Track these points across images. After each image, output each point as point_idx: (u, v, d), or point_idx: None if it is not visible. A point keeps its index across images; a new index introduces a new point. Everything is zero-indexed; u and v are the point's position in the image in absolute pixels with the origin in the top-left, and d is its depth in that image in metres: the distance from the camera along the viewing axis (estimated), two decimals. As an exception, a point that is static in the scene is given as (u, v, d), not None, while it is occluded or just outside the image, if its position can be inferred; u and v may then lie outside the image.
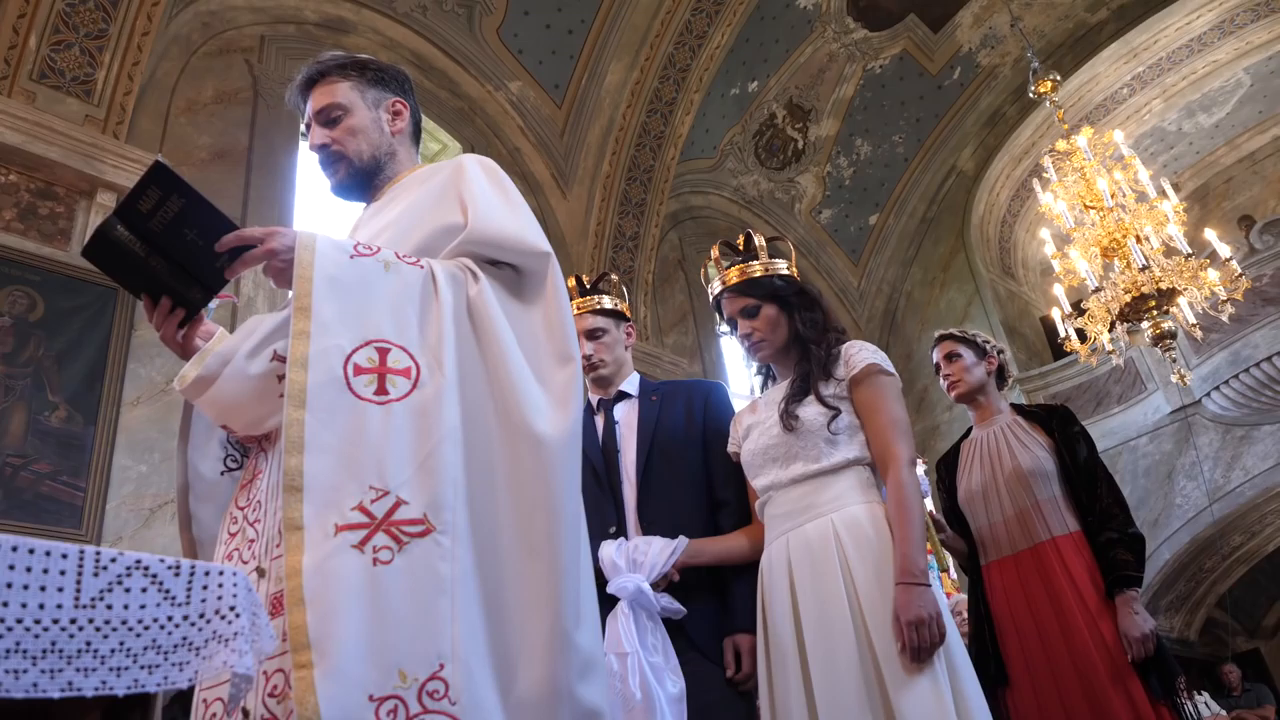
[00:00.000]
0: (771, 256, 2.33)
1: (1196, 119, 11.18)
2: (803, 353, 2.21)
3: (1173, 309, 6.14)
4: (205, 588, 0.93)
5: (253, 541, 1.40)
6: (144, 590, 0.89)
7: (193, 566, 0.92)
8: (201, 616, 0.92)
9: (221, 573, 0.95)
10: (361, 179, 1.74)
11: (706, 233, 9.17)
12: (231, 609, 0.93)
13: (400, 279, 1.41)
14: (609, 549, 2.17)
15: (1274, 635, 11.30)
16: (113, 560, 0.88)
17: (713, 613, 2.19)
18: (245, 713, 1.25)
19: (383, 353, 1.34)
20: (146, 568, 0.89)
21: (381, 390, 1.31)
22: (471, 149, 7.39)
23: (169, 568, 0.91)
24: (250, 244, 1.43)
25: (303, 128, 1.80)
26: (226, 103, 6.06)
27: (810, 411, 2.09)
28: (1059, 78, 7.53)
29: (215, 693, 1.32)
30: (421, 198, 1.63)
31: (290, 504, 1.21)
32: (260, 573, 1.35)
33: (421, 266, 1.45)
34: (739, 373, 8.93)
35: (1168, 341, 6.15)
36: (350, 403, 1.29)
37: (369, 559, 1.21)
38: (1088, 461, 2.78)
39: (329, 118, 1.72)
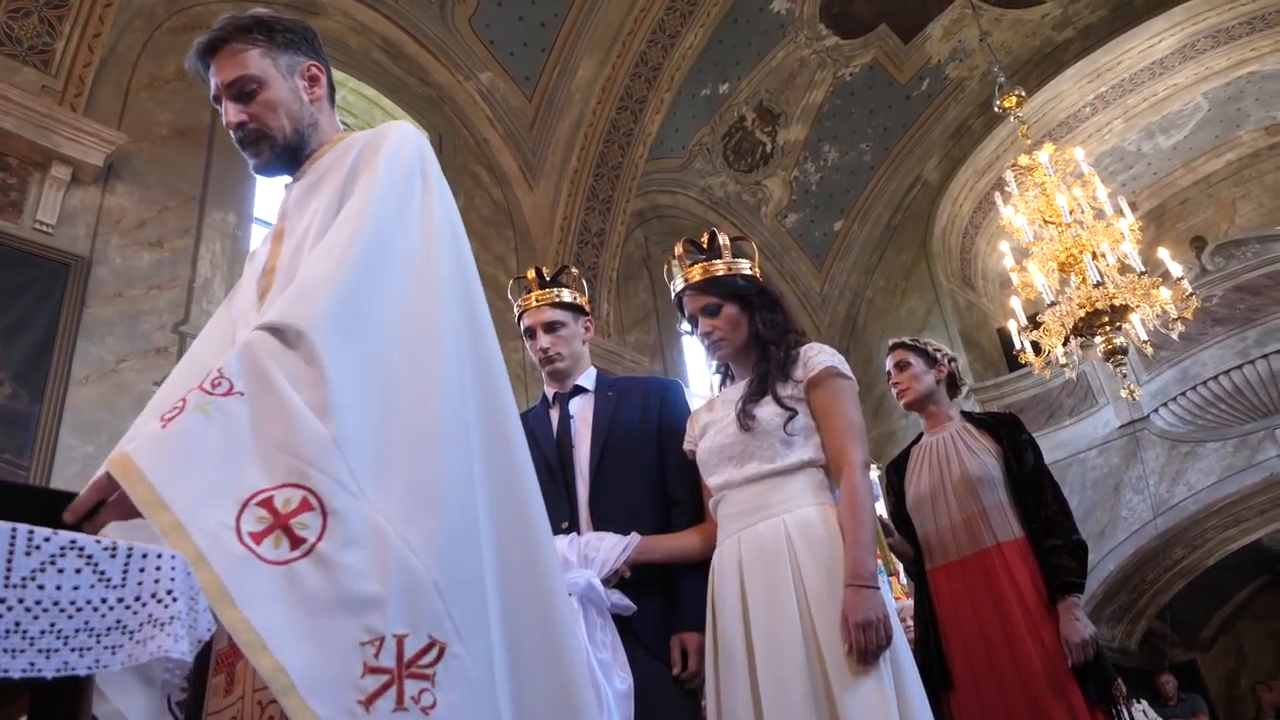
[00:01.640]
0: (735, 256, 2.34)
1: (1155, 140, 11.40)
2: (762, 353, 2.22)
3: (1125, 325, 6.26)
4: (143, 570, 0.91)
5: None
6: (78, 571, 0.87)
7: (130, 549, 0.90)
8: (137, 600, 0.90)
9: (160, 555, 0.93)
10: (286, 157, 1.61)
11: (673, 232, 9.18)
12: (169, 593, 0.91)
13: (225, 418, 1.15)
14: (560, 544, 2.16)
15: (1210, 647, 11.56)
16: (46, 540, 0.86)
17: (662, 610, 2.19)
18: None
19: (268, 504, 1.11)
20: (81, 548, 0.87)
21: (295, 543, 1.09)
22: (439, 138, 7.33)
23: (105, 549, 0.89)
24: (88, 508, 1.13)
25: (211, 98, 1.63)
26: (190, 80, 5.89)
27: (767, 412, 2.10)
28: (1024, 93, 7.64)
29: (217, 718, 1.27)
30: (329, 208, 1.46)
31: (298, 710, 1.02)
32: None
33: (231, 388, 1.17)
34: (700, 373, 8.96)
35: (1119, 357, 6.27)
36: (274, 575, 1.07)
37: (417, 714, 1.07)
38: (1034, 469, 2.83)
39: (242, 91, 1.56)
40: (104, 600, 0.88)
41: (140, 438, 1.11)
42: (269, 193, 6.30)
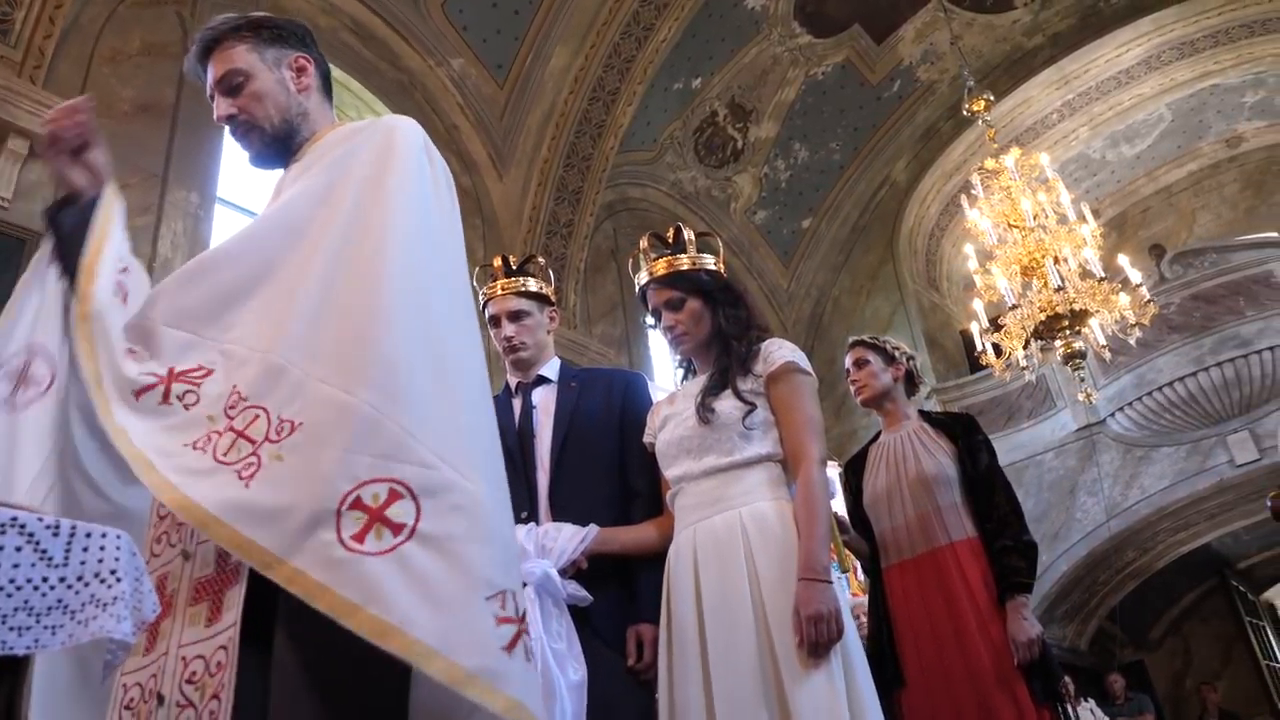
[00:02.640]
0: (700, 251, 2.35)
1: (1120, 149, 11.57)
2: (724, 347, 2.23)
3: (1084, 330, 6.35)
4: (85, 549, 0.90)
5: (181, 525, 1.34)
6: (18, 549, 0.85)
7: (73, 527, 0.89)
8: (80, 579, 0.89)
9: (104, 535, 0.92)
10: (278, 146, 1.65)
11: (641, 225, 9.17)
12: (113, 573, 0.90)
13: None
14: (519, 533, 2.16)
15: (1158, 648, 11.79)
16: (-14, 516, 0.85)
17: (618, 602, 2.20)
18: (160, 698, 1.21)
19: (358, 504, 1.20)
20: (23, 526, 0.86)
21: (396, 530, 1.18)
22: (408, 123, 7.25)
23: (47, 527, 0.88)
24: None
25: (208, 97, 1.68)
26: (155, 56, 5.85)
27: (726, 405, 2.11)
28: (992, 97, 7.72)
29: (135, 677, 1.27)
30: (320, 191, 1.50)
31: (444, 670, 1.10)
32: (186, 556, 1.31)
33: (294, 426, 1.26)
34: (666, 367, 8.97)
35: (1077, 361, 6.37)
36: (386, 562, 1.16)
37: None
38: (988, 470, 2.86)
39: (230, 85, 1.62)
40: (45, 579, 0.87)
41: (237, 511, 1.17)
42: (234, 174, 6.21)
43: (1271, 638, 11.63)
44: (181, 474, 1.19)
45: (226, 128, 1.65)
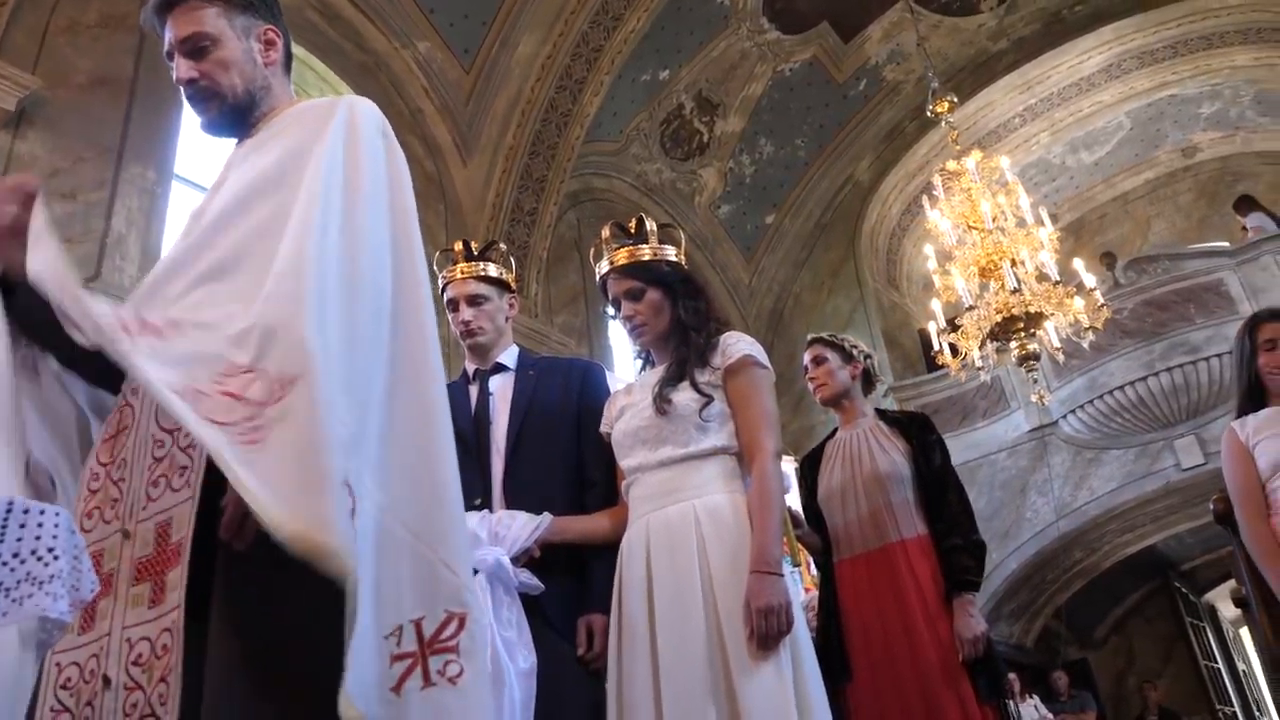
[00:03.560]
0: (662, 243, 2.35)
1: (1079, 155, 11.75)
2: (682, 339, 2.24)
3: (1039, 332, 6.45)
4: (23, 526, 0.88)
5: (116, 501, 1.32)
6: (-48, 525, 0.83)
7: (10, 503, 0.87)
8: (15, 556, 0.87)
9: (43, 511, 0.90)
10: (235, 116, 1.60)
11: (605, 215, 9.14)
12: (50, 550, 0.89)
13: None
14: (471, 520, 2.15)
15: (1102, 646, 12.03)
16: (-82, 491, 0.82)
17: (570, 591, 2.20)
18: (106, 680, 1.19)
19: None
20: (-43, 501, 0.84)
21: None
22: (372, 105, 7.16)
23: (-16, 503, 0.86)
24: None
25: (164, 54, 1.60)
26: (112, 28, 5.72)
27: (683, 397, 2.12)
28: (956, 99, 7.80)
29: (71, 656, 1.24)
30: (280, 165, 1.47)
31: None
32: (125, 535, 1.28)
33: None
34: (626, 358, 8.97)
35: (1032, 363, 6.47)
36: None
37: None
38: (940, 469, 2.90)
39: (195, 48, 1.55)
40: (-21, 556, 0.85)
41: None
42: (192, 151, 6.10)
43: (1211, 639, 11.91)
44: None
45: (183, 90, 1.58)
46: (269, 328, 1.21)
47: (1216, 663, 11.61)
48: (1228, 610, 12.36)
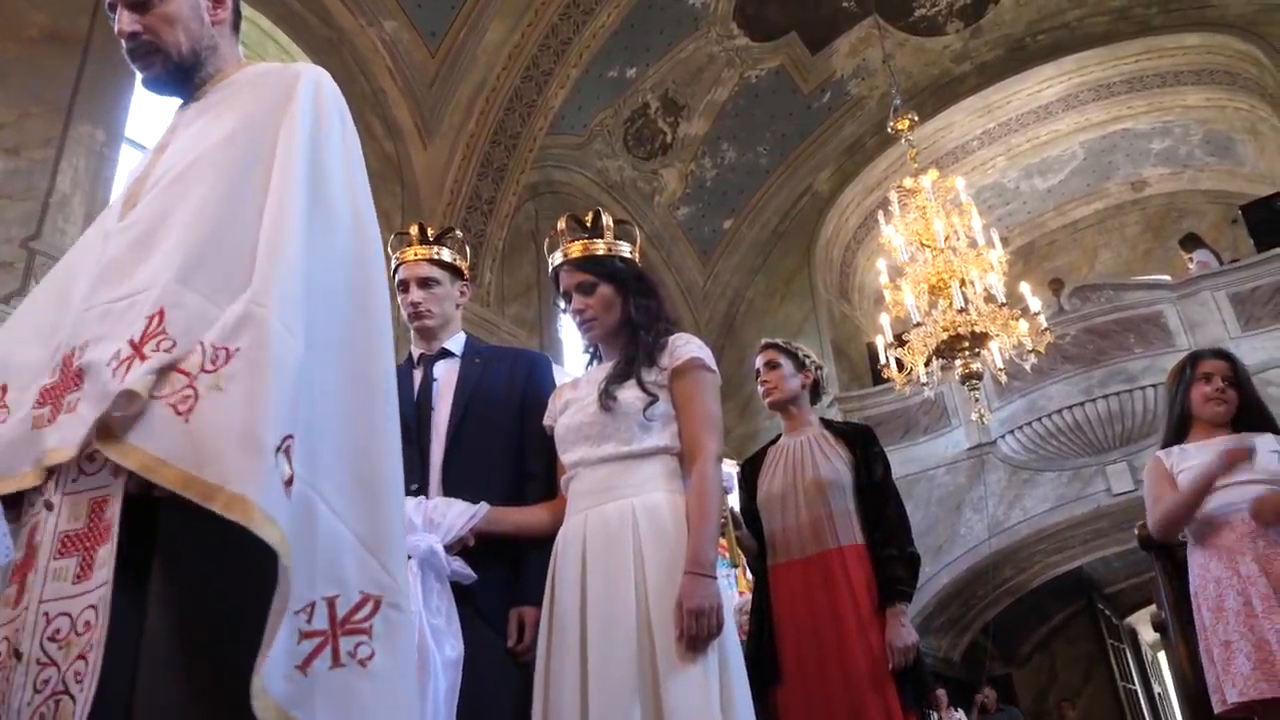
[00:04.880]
0: (617, 238, 2.34)
1: (1033, 181, 11.98)
2: (631, 337, 2.23)
3: (983, 352, 6.56)
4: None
5: (48, 474, 1.28)
6: None
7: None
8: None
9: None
10: (179, 75, 1.53)
11: (564, 209, 9.07)
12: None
13: None
14: (408, 506, 2.13)
15: (1026, 663, 12.29)
16: None
17: (503, 582, 2.18)
18: (18, 655, 1.15)
19: None
20: None
21: None
22: (334, 81, 7.06)
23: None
24: None
25: (107, 5, 1.52)
26: (69, -20, 5.58)
27: (629, 394, 2.11)
28: (917, 118, 7.90)
29: (3, 631, 1.20)
30: (240, 136, 1.42)
31: None
32: (49, 507, 1.23)
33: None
34: (577, 352, 8.94)
35: (974, 382, 6.58)
36: None
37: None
38: (881, 481, 2.94)
39: (139, 0, 1.47)
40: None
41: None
42: (144, 113, 5.96)
43: (1130, 660, 12.23)
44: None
45: (124, 44, 1.51)
46: (246, 314, 1.20)
47: (1134, 684, 11.93)
48: (1147, 634, 12.70)
